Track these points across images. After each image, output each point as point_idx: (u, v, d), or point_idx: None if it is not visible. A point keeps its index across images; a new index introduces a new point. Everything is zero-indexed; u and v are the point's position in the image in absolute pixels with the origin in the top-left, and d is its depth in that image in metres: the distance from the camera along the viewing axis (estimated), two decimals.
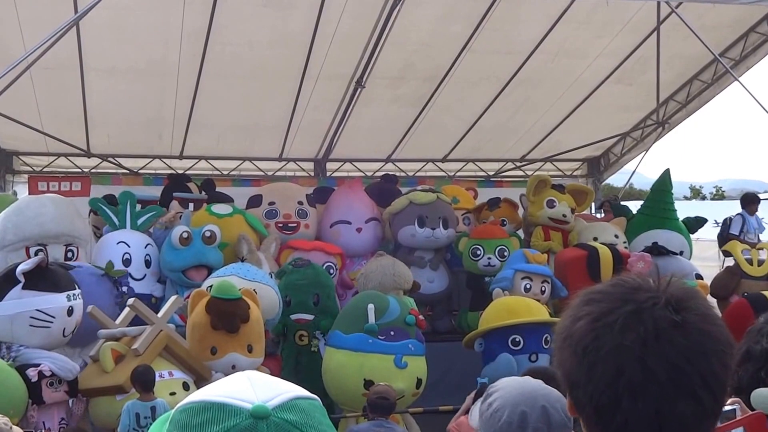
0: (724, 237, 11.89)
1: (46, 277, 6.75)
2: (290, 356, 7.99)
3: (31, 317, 6.64)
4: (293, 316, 7.94)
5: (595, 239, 9.85)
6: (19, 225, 7.97)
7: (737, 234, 11.78)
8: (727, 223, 12.07)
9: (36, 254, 7.86)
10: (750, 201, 12.27)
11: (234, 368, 6.18)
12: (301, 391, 1.12)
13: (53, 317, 6.71)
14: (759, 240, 11.51)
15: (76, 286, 7.01)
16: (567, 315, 1.43)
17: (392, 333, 7.09)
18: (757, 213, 12.13)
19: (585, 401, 1.38)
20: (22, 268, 6.60)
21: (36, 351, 6.65)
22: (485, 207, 10.75)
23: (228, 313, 6.53)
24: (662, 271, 1.48)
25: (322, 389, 7.41)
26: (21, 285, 6.63)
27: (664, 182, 10.81)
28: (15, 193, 10.59)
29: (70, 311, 6.84)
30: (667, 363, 1.31)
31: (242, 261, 7.94)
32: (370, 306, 7.09)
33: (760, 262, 9.20)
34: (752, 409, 2.40)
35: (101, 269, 8.07)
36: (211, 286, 7.29)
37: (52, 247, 8.07)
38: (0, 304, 6.58)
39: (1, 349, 6.62)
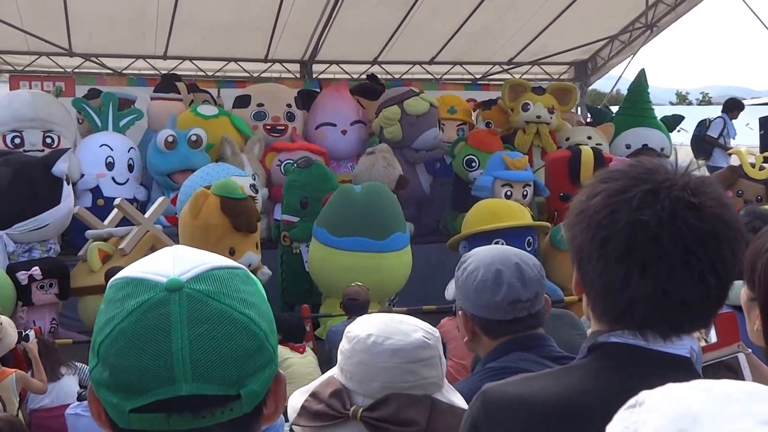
0: (701, 138, 12.01)
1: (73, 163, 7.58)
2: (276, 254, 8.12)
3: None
4: (283, 216, 8.09)
5: (567, 140, 10.10)
6: None
7: (716, 137, 11.87)
8: (705, 125, 12.13)
9: (12, 141, 7.94)
10: (734, 106, 12.31)
11: (249, 267, 6.17)
12: (223, 262, 1.10)
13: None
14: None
15: None
16: (582, 192, 1.42)
17: None
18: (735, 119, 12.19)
19: (594, 277, 1.38)
20: (62, 168, 7.15)
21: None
22: (480, 106, 11.22)
23: (246, 213, 6.61)
24: None
25: (304, 290, 7.61)
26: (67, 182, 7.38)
27: (640, 83, 11.17)
28: None
29: None
30: (680, 243, 1.31)
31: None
32: None
33: (762, 168, 9.26)
34: None
35: None
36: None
37: (28, 133, 8.06)
38: (63, 206, 7.27)
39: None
